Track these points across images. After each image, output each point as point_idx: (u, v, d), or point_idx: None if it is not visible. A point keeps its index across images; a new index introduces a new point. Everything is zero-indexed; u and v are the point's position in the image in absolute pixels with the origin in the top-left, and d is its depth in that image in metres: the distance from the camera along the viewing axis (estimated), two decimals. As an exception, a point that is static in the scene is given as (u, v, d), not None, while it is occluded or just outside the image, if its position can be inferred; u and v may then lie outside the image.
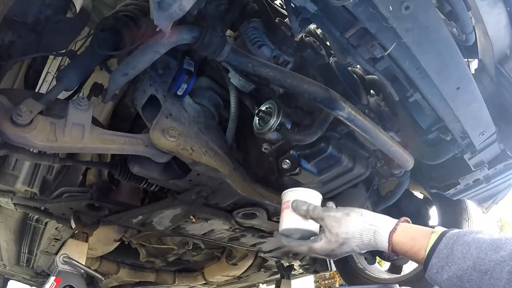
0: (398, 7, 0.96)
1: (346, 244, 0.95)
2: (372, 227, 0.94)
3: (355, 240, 0.94)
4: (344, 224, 0.95)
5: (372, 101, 1.61)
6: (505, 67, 1.44)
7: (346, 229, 0.94)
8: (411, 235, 0.91)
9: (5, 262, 3.35)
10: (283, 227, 1.02)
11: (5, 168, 1.68)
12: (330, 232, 0.95)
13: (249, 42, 1.24)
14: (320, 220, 0.98)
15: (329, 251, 0.96)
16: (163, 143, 1.13)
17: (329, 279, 7.21)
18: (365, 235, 0.94)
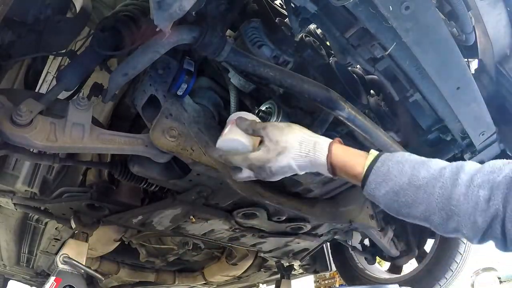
0: (398, 7, 0.96)
1: (284, 154, 0.95)
2: (312, 138, 0.96)
3: (294, 150, 0.95)
4: (286, 133, 0.96)
5: (372, 101, 1.61)
6: (505, 67, 1.44)
7: (287, 137, 0.95)
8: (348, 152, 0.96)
9: (5, 262, 3.35)
10: (221, 138, 1.01)
11: (5, 168, 1.68)
12: (270, 140, 0.96)
13: (249, 42, 1.24)
14: (262, 130, 0.98)
15: (265, 160, 0.96)
16: (163, 143, 1.13)
17: (329, 279, 7.20)
18: (305, 145, 0.95)
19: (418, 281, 2.47)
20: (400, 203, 0.89)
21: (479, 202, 0.80)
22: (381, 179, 0.91)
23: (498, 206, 0.77)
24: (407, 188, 0.88)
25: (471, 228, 0.82)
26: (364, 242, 2.58)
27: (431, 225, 0.88)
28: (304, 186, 1.49)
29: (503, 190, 0.77)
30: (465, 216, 0.82)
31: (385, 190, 0.90)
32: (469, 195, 0.82)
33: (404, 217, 0.91)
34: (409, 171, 0.89)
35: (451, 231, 0.85)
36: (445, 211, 0.84)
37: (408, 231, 2.43)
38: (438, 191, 0.85)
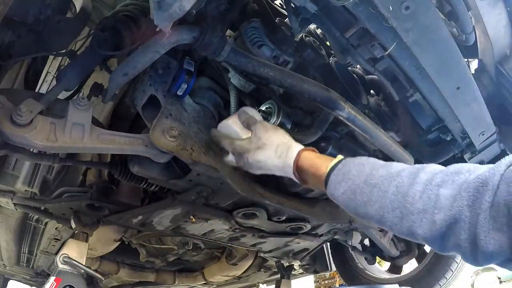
0: (398, 7, 0.96)
1: (261, 150, 1.06)
2: (288, 143, 1.06)
3: (271, 149, 1.05)
4: (270, 133, 1.08)
5: (372, 101, 1.61)
6: (505, 67, 1.45)
7: (269, 137, 1.07)
8: (318, 157, 1.03)
9: (5, 262, 3.35)
10: (222, 122, 1.17)
11: (5, 168, 1.68)
12: (255, 135, 1.08)
13: (249, 42, 1.24)
14: (253, 125, 1.10)
15: (245, 150, 1.07)
16: (163, 143, 1.13)
17: (329, 279, 7.21)
18: (281, 148, 1.05)
19: (418, 281, 2.47)
20: (357, 202, 0.88)
21: (438, 200, 0.75)
22: (341, 179, 0.92)
23: (462, 208, 0.70)
24: (363, 187, 0.87)
25: (428, 229, 0.76)
26: (364, 242, 2.58)
27: (386, 225, 0.84)
28: (304, 186, 1.48)
29: (473, 193, 0.70)
30: (420, 214, 0.77)
31: (344, 190, 0.90)
32: (426, 192, 0.77)
33: (362, 218, 0.90)
34: (368, 171, 0.89)
35: (406, 232, 0.80)
36: (400, 209, 0.80)
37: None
38: (393, 189, 0.82)
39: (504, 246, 0.64)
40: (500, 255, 0.65)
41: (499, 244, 0.64)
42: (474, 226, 0.68)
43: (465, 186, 0.71)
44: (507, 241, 0.64)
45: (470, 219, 0.69)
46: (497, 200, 0.65)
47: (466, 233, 0.70)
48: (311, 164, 1.01)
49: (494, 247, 0.65)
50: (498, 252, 0.65)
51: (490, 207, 0.66)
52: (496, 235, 0.65)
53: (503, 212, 0.64)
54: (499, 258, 0.66)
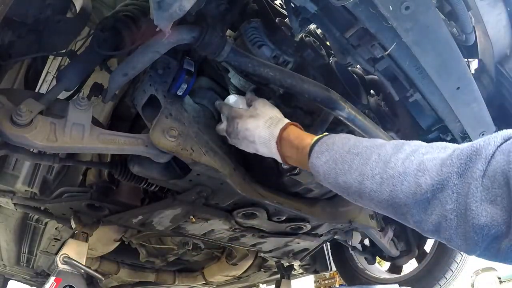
0: (398, 7, 0.96)
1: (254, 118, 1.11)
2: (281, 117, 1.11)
3: (262, 119, 1.10)
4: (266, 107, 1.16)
5: (372, 101, 1.61)
6: (505, 67, 1.45)
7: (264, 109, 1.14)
8: (304, 132, 1.06)
9: (5, 262, 3.35)
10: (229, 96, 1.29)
11: (5, 168, 1.68)
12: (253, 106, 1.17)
13: (249, 42, 1.24)
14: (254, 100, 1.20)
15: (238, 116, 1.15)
16: (163, 143, 1.13)
17: (329, 279, 7.21)
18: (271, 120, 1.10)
19: (418, 281, 2.47)
20: (338, 171, 0.86)
21: (423, 164, 0.69)
22: (324, 149, 0.92)
23: (451, 175, 0.65)
24: (345, 156, 0.86)
25: (411, 193, 0.69)
26: (364, 242, 2.58)
27: (366, 194, 0.79)
28: (304, 186, 1.49)
29: (465, 160, 0.64)
30: (401, 177, 0.71)
31: (326, 159, 0.90)
32: (409, 158, 0.73)
33: (342, 188, 0.86)
34: (353, 142, 0.89)
35: (387, 199, 0.74)
36: (380, 174, 0.76)
37: (408, 231, 2.43)
38: (375, 157, 0.79)
39: (498, 219, 0.59)
40: (492, 228, 0.59)
41: (491, 216, 0.59)
42: (464, 196, 0.62)
43: (457, 153, 0.67)
44: (500, 213, 0.58)
45: (460, 188, 0.64)
46: (492, 169, 0.60)
47: (453, 203, 0.64)
48: (297, 136, 1.04)
49: (486, 219, 0.59)
50: (490, 225, 0.59)
51: (482, 176, 0.61)
52: (488, 207, 0.60)
53: (499, 182, 0.59)
54: (491, 231, 0.59)
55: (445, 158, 0.67)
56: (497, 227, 0.59)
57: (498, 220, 0.59)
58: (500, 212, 0.58)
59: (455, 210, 0.64)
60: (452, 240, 0.66)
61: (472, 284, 6.82)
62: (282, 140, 1.05)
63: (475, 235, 0.61)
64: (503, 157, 0.60)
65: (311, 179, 1.43)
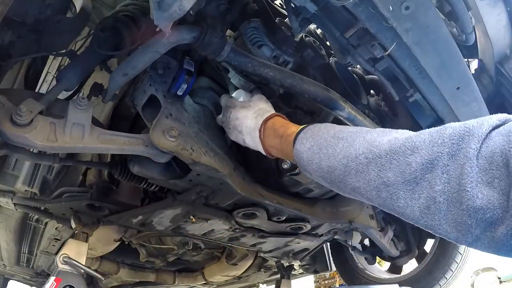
0: (398, 7, 0.96)
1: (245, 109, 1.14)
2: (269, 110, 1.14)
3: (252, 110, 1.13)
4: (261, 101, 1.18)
5: (372, 101, 1.61)
6: (505, 67, 1.45)
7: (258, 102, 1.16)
8: (288, 121, 1.06)
9: (5, 262, 3.35)
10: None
11: (5, 168, 1.68)
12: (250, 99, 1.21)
13: (249, 42, 1.24)
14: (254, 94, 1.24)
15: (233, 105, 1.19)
16: (163, 143, 1.13)
17: (329, 279, 7.20)
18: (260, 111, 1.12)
19: (418, 281, 2.47)
20: (322, 156, 0.83)
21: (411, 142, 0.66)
22: (309, 135, 0.91)
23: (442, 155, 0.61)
24: (330, 141, 0.84)
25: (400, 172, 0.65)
26: (364, 242, 2.58)
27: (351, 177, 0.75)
28: (304, 186, 1.49)
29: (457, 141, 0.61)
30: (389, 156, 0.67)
31: (310, 145, 0.89)
32: (397, 138, 0.69)
33: (324, 173, 0.83)
34: (338, 128, 0.88)
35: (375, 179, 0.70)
36: (365, 154, 0.72)
37: (408, 231, 2.43)
38: (360, 139, 0.77)
39: (494, 202, 0.54)
40: (487, 211, 0.55)
41: (487, 199, 0.55)
42: (457, 178, 0.58)
43: (449, 132, 0.63)
44: (497, 196, 0.54)
45: (451, 169, 0.60)
46: (490, 150, 0.57)
47: (443, 184, 0.60)
48: (282, 124, 1.04)
49: (482, 201, 0.55)
50: (486, 208, 0.55)
51: (477, 156, 0.57)
52: (484, 189, 0.55)
53: (497, 163, 0.55)
54: (486, 215, 0.55)
55: (436, 137, 0.64)
56: (493, 210, 0.55)
57: (494, 203, 0.54)
58: (497, 195, 0.54)
59: (445, 192, 0.60)
60: (441, 227, 0.62)
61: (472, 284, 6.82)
62: (266, 129, 1.06)
63: (469, 219, 0.57)
64: (502, 137, 0.56)
65: (311, 179, 1.43)
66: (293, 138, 0.95)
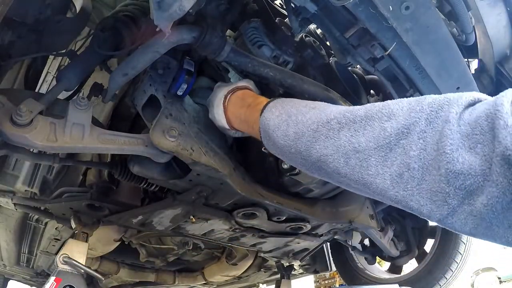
0: (398, 7, 0.96)
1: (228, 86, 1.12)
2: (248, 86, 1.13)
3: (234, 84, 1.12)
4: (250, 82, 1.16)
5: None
6: (505, 67, 1.45)
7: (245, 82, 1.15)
8: (259, 96, 1.05)
9: (5, 262, 3.35)
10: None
11: (5, 168, 1.68)
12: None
13: (249, 42, 1.24)
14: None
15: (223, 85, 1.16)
16: (163, 143, 1.13)
17: (329, 279, 7.20)
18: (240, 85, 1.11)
19: (418, 281, 2.47)
20: (290, 123, 0.79)
21: (388, 107, 0.63)
22: (280, 104, 0.87)
23: (419, 120, 0.58)
24: (302, 110, 0.80)
25: (373, 138, 0.61)
26: (364, 242, 2.58)
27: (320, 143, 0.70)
28: (304, 186, 1.49)
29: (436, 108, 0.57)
30: (363, 122, 0.64)
31: (279, 112, 0.85)
32: (374, 105, 0.66)
33: (289, 141, 0.78)
34: (312, 102, 0.85)
35: (345, 145, 0.65)
36: (337, 119, 0.69)
37: (408, 231, 2.43)
38: (334, 108, 0.73)
39: (476, 168, 0.50)
40: (468, 178, 0.51)
41: (469, 164, 0.51)
42: (435, 144, 0.54)
43: (428, 100, 0.60)
44: (479, 162, 0.50)
45: (428, 135, 0.56)
46: (474, 115, 0.53)
47: (419, 150, 0.56)
48: (253, 95, 1.03)
49: (463, 166, 0.51)
50: (467, 173, 0.51)
51: (458, 122, 0.54)
52: (466, 154, 0.51)
53: (482, 127, 0.51)
54: (466, 181, 0.51)
55: (414, 105, 0.60)
56: (474, 177, 0.50)
57: (476, 169, 0.50)
58: (479, 161, 0.50)
59: (420, 159, 0.56)
60: (413, 197, 0.57)
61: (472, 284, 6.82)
62: (233, 98, 1.05)
63: (447, 185, 0.52)
64: (487, 104, 0.53)
65: (311, 179, 1.43)
66: (262, 107, 0.92)
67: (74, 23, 1.23)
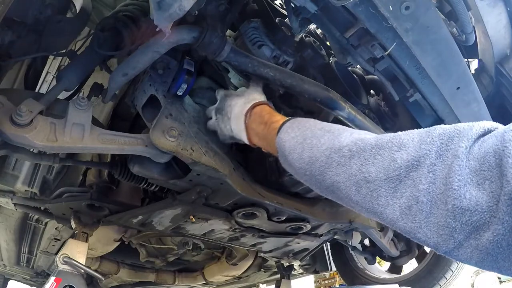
0: (398, 7, 0.96)
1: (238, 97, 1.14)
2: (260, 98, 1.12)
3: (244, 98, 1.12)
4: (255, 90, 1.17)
5: (372, 101, 1.61)
6: (505, 67, 1.45)
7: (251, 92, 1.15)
8: (276, 112, 1.05)
9: (5, 262, 3.35)
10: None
11: (5, 168, 1.68)
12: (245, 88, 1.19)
13: (249, 42, 1.24)
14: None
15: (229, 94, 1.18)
16: (163, 143, 1.13)
17: (329, 279, 7.21)
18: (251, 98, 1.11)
19: (418, 281, 2.47)
20: (305, 146, 0.81)
21: (398, 138, 0.64)
22: (296, 126, 0.89)
23: (430, 153, 0.58)
24: (317, 132, 0.81)
25: (383, 168, 0.62)
26: (364, 242, 2.58)
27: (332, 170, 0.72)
28: (304, 186, 1.49)
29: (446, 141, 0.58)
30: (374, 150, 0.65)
31: (295, 134, 0.86)
32: (384, 135, 0.67)
33: (304, 164, 0.80)
34: (327, 123, 0.86)
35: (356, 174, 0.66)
36: (348, 147, 0.70)
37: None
38: (347, 134, 0.75)
39: (483, 205, 0.51)
40: (474, 214, 0.51)
41: (476, 200, 0.51)
42: (443, 178, 0.55)
43: (438, 132, 0.60)
44: (486, 199, 0.50)
45: (438, 168, 0.56)
46: (483, 151, 0.53)
47: (428, 184, 0.57)
48: (269, 112, 1.03)
49: (470, 202, 0.51)
50: (473, 210, 0.51)
51: (467, 156, 0.54)
52: (473, 190, 0.52)
53: (490, 163, 0.52)
54: (473, 217, 0.51)
55: (425, 136, 0.61)
56: (480, 214, 0.51)
57: (483, 205, 0.51)
58: (486, 198, 0.50)
59: (429, 192, 0.56)
60: (420, 230, 0.57)
61: (472, 284, 6.83)
62: (252, 115, 1.05)
63: (453, 221, 0.53)
64: (495, 138, 0.53)
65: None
66: (278, 126, 0.93)
67: (74, 23, 1.23)
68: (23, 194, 1.76)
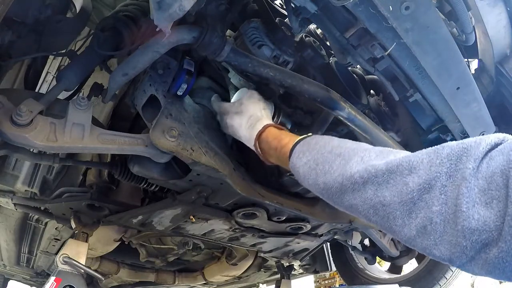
0: (398, 7, 0.96)
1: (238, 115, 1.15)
2: (260, 117, 1.13)
3: (244, 118, 1.14)
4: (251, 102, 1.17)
5: (372, 101, 1.61)
6: (505, 67, 1.45)
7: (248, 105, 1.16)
8: (285, 132, 1.05)
9: (5, 262, 3.35)
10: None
11: (5, 168, 1.68)
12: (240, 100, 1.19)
13: (249, 42, 1.24)
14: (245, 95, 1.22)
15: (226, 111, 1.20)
16: (163, 143, 1.13)
17: (329, 279, 7.21)
18: (252, 119, 1.13)
19: (418, 281, 2.47)
20: (318, 172, 0.82)
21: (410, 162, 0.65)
22: (306, 149, 0.90)
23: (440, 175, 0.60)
24: (327, 156, 0.82)
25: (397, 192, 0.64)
26: (364, 242, 2.58)
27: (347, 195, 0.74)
28: (304, 186, 1.48)
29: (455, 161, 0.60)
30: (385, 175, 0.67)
31: (307, 159, 0.87)
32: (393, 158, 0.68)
33: (321, 190, 0.82)
34: (336, 143, 0.86)
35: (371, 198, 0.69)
36: (360, 173, 0.71)
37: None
38: (357, 159, 0.75)
39: (490, 224, 0.53)
40: (483, 233, 0.54)
41: (483, 220, 0.54)
42: (454, 199, 0.57)
43: (447, 152, 0.62)
44: (493, 218, 0.53)
45: (449, 190, 0.59)
46: (490, 170, 0.56)
47: (440, 205, 0.59)
48: (275, 137, 1.04)
49: (478, 223, 0.54)
50: (482, 229, 0.54)
51: (475, 176, 0.57)
52: (481, 210, 0.55)
53: (497, 183, 0.54)
54: (481, 236, 0.54)
55: (434, 157, 0.63)
56: (488, 232, 0.54)
57: (490, 225, 0.54)
58: (493, 217, 0.53)
59: (442, 213, 0.59)
60: (436, 247, 0.60)
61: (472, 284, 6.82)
62: (261, 143, 1.07)
63: (464, 240, 0.56)
64: (503, 157, 0.55)
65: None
66: (289, 150, 0.94)
67: (74, 23, 1.23)
68: (23, 194, 1.76)
